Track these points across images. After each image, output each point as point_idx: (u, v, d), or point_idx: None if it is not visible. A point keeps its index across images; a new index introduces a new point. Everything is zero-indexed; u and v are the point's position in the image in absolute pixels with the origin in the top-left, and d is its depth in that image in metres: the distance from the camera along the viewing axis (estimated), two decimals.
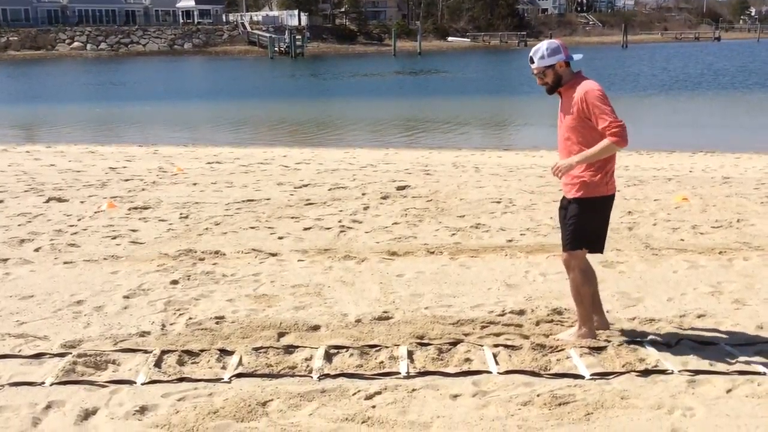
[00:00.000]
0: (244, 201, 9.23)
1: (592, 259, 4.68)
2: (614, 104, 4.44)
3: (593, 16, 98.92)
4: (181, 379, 4.08)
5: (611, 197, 4.46)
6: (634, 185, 10.25)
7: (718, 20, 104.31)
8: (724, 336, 4.70)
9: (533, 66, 4.42)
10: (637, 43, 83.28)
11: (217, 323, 4.98)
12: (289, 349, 4.48)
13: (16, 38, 70.74)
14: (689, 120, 22.07)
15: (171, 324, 4.98)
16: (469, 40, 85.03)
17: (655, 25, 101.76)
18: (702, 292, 5.57)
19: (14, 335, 4.75)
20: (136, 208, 8.80)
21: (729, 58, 55.52)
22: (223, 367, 4.25)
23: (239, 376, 4.11)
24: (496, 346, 4.49)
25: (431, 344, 4.52)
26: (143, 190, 10.10)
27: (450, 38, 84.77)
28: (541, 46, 4.40)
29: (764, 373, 4.10)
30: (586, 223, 4.43)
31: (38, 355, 4.40)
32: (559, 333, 4.69)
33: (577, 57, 4.45)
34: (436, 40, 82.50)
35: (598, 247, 4.58)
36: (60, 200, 9.32)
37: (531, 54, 4.41)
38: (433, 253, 6.74)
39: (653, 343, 4.52)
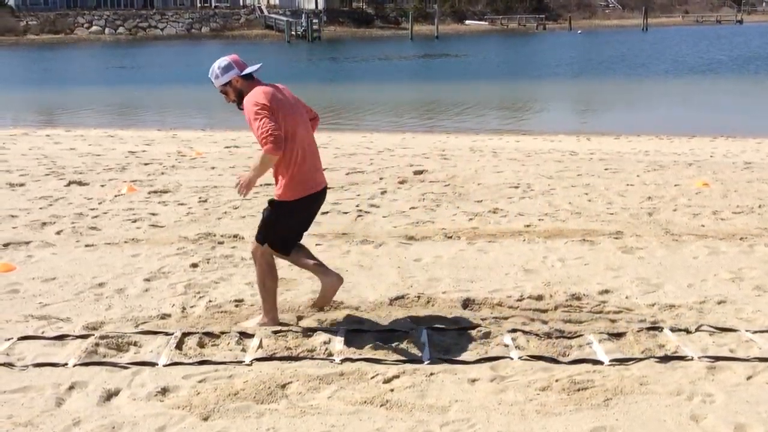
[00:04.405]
0: (261, 185, 9.22)
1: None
2: (635, 88, 4.39)
3: None
4: (202, 362, 4.12)
5: (297, 202, 4.38)
6: (654, 170, 10.15)
7: (740, 2, 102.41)
8: (744, 322, 4.67)
9: (215, 87, 4.41)
10: (657, 27, 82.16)
11: (236, 306, 5.02)
12: (308, 332, 4.51)
13: (35, 22, 71.06)
14: (710, 104, 21.80)
15: (191, 306, 5.02)
16: (486, 23, 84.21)
17: (676, 8, 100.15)
18: (722, 278, 5.53)
19: (37, 317, 4.82)
20: (155, 192, 8.85)
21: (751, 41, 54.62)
22: (243, 350, 4.29)
23: (259, 360, 4.15)
24: (514, 331, 4.49)
25: (449, 329, 4.54)
26: (162, 173, 10.16)
27: (467, 21, 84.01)
28: (214, 66, 4.38)
29: None
30: (272, 222, 4.45)
31: (61, 337, 4.46)
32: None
33: (253, 69, 4.41)
34: (453, 24, 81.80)
35: (283, 249, 4.54)
36: (80, 184, 9.40)
37: (209, 75, 4.40)
38: (450, 237, 6.74)
39: (673, 329, 4.51)
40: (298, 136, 4.36)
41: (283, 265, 5.93)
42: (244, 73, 4.36)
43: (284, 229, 4.52)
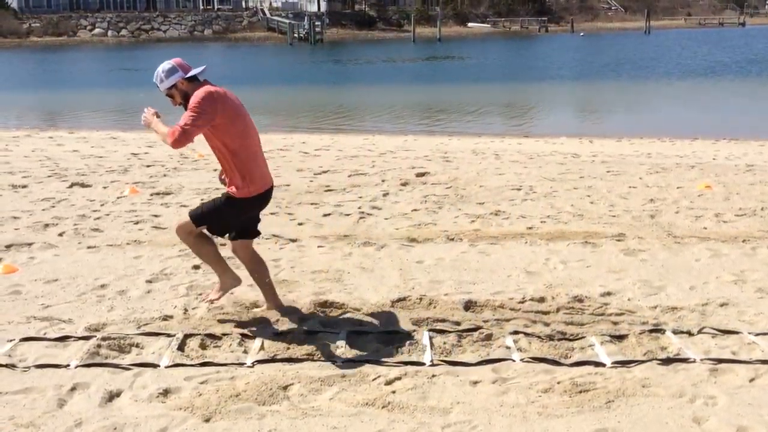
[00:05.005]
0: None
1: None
2: (639, 91, 4.40)
3: (615, 1, 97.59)
4: (203, 363, 4.12)
5: (250, 200, 4.52)
6: (657, 173, 10.15)
7: (743, 5, 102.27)
8: (746, 325, 4.66)
9: (161, 91, 4.47)
10: (660, 29, 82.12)
11: (238, 308, 5.02)
12: (310, 333, 4.51)
13: (38, 24, 71.23)
14: (713, 106, 21.79)
15: (193, 308, 5.03)
16: (489, 25, 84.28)
17: (679, 11, 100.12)
18: (725, 281, 5.52)
19: (39, 318, 4.83)
20: (158, 194, 8.86)
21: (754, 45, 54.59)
22: (245, 351, 4.29)
23: (261, 362, 4.15)
24: (516, 333, 4.49)
25: (451, 331, 4.53)
26: (165, 175, 10.17)
27: (470, 24, 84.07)
28: (158, 70, 4.43)
29: None
30: (219, 210, 4.54)
31: (63, 338, 4.47)
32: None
33: (197, 71, 4.45)
34: (455, 26, 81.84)
35: (215, 230, 4.66)
36: (83, 185, 9.41)
37: (154, 79, 4.45)
38: (452, 239, 6.74)
39: (675, 332, 4.50)
40: (250, 135, 4.50)
41: (285, 267, 5.95)
42: (188, 75, 4.41)
43: (230, 217, 4.60)
